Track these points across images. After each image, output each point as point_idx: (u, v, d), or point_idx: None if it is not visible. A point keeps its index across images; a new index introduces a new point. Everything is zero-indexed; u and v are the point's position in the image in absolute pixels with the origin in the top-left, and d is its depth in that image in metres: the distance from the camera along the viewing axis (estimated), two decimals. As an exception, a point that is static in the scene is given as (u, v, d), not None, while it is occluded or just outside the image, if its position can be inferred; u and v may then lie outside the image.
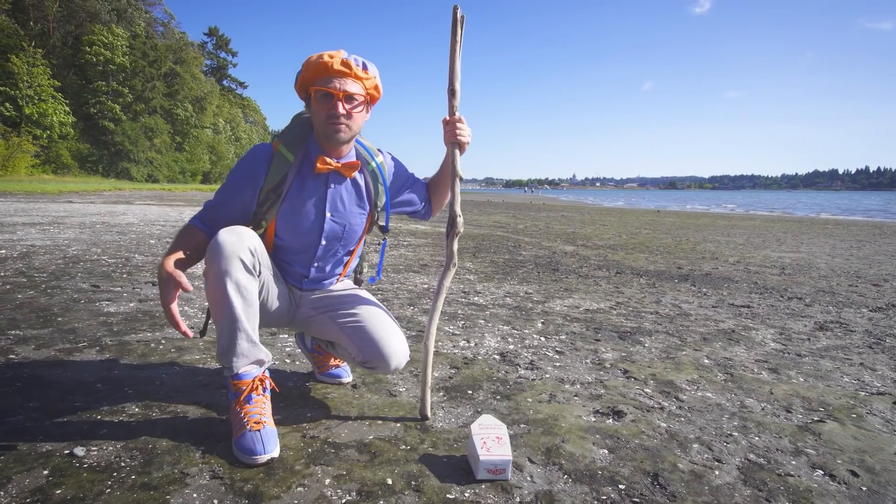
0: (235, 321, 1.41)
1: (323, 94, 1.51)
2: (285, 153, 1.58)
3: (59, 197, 15.41)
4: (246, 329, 1.43)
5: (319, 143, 1.60)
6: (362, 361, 1.63)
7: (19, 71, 30.94)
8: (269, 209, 1.57)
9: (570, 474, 1.39)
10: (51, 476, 1.26)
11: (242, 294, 1.41)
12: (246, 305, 1.43)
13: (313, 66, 1.50)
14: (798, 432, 1.72)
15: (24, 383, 1.82)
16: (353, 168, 1.62)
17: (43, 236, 5.91)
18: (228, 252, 1.39)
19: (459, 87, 1.60)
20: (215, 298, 1.41)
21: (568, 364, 2.32)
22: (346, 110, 1.52)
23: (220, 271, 1.39)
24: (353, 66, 1.51)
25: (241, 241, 1.42)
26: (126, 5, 42.91)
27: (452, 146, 1.62)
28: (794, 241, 9.40)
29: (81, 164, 35.94)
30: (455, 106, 1.61)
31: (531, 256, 6.17)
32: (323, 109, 1.52)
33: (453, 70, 1.58)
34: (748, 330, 3.09)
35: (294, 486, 1.27)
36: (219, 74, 59.94)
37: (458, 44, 1.57)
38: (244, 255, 1.41)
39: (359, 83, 1.54)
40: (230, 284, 1.39)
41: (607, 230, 10.89)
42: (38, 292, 3.18)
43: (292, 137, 1.61)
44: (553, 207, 24.16)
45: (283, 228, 1.61)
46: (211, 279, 1.40)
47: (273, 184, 1.56)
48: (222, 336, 1.44)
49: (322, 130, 1.55)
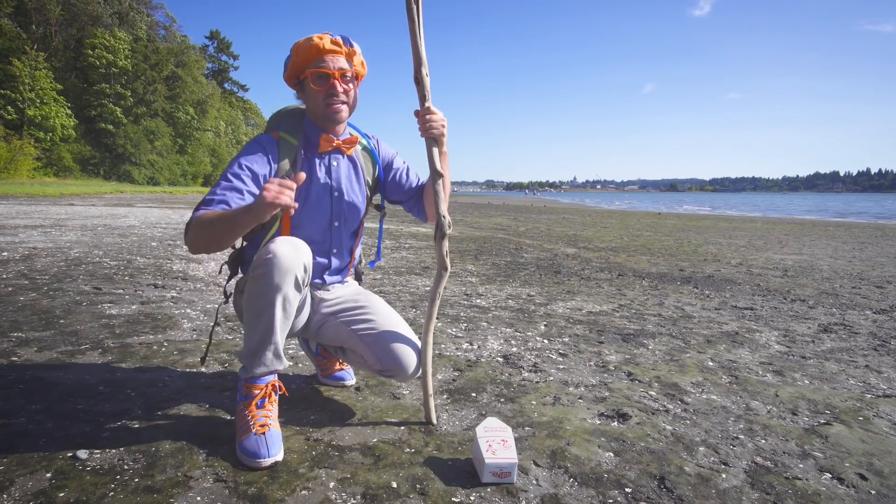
0: (271, 333, 1.41)
1: (318, 74, 1.51)
2: (288, 138, 1.59)
3: (61, 199, 15.42)
4: (276, 342, 1.43)
5: (318, 124, 1.61)
6: (380, 370, 1.61)
7: (21, 74, 31.03)
8: None
9: (576, 477, 1.38)
10: (53, 479, 1.25)
11: (286, 308, 1.41)
12: (284, 319, 1.42)
13: (304, 49, 1.50)
14: (805, 435, 1.71)
15: (26, 385, 1.81)
16: (352, 143, 1.64)
17: (45, 239, 5.91)
18: (285, 267, 1.36)
19: (427, 74, 1.48)
20: (258, 306, 1.39)
21: (571, 366, 2.31)
22: (343, 88, 1.54)
23: (272, 284, 1.36)
24: (341, 43, 1.53)
25: (298, 256, 1.39)
26: (128, 9, 43.04)
27: (429, 141, 1.53)
28: (797, 244, 9.38)
29: (83, 167, 36.00)
30: (425, 95, 1.50)
31: (533, 259, 6.16)
32: (321, 90, 1.52)
33: (417, 55, 1.45)
34: (752, 332, 3.07)
35: (298, 489, 1.26)
36: (220, 77, 60.07)
37: (416, 24, 1.43)
38: (299, 272, 1.39)
39: (348, 60, 1.56)
40: (279, 298, 1.38)
41: (609, 232, 10.88)
42: (40, 294, 3.18)
43: (288, 125, 1.62)
44: (554, 210, 24.15)
45: (298, 216, 1.59)
46: (260, 286, 1.37)
47: (286, 168, 1.56)
48: (252, 341, 1.43)
49: (322, 112, 1.55)
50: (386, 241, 7.36)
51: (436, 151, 1.54)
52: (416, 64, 1.47)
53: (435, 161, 1.54)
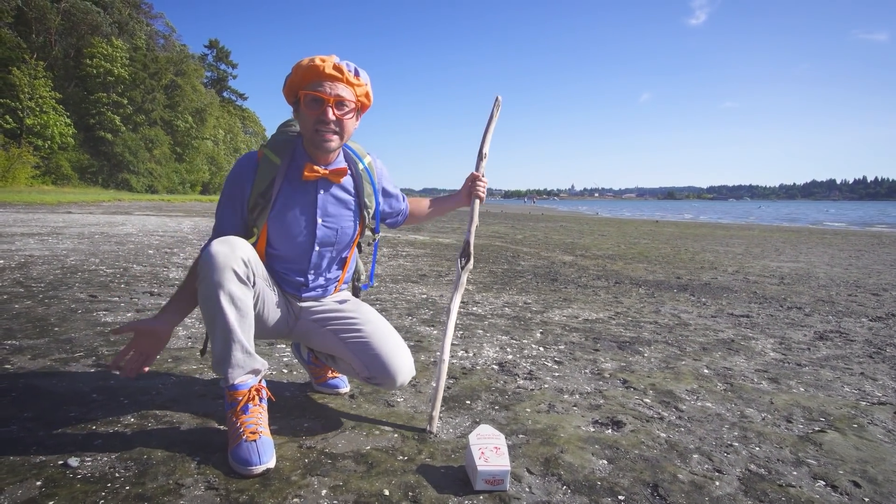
0: (230, 332, 1.40)
1: (312, 98, 1.47)
2: (271, 156, 1.56)
3: (59, 207, 15.41)
4: (240, 340, 1.41)
5: (307, 149, 1.58)
6: (367, 377, 1.61)
7: (21, 83, 31.12)
8: (260, 215, 1.55)
9: (569, 485, 1.38)
10: (44, 487, 1.24)
11: (236, 305, 1.40)
12: (240, 316, 1.41)
13: (303, 70, 1.47)
14: (799, 442, 1.71)
15: (18, 393, 1.80)
16: (341, 174, 1.60)
17: (41, 246, 5.90)
18: (221, 263, 1.37)
19: (488, 153, 1.96)
20: (209, 310, 1.39)
21: (567, 374, 2.31)
22: (337, 116, 1.49)
23: (212, 283, 1.37)
24: (344, 70, 1.49)
25: (233, 251, 1.40)
26: (128, 18, 43.30)
27: (473, 199, 1.93)
28: (793, 251, 9.41)
29: (81, 175, 36.02)
30: (482, 166, 1.95)
31: (530, 266, 6.17)
32: (312, 114, 1.48)
33: (485, 139, 1.96)
34: (748, 340, 3.08)
35: (290, 496, 1.26)
36: (219, 86, 60.32)
37: (492, 122, 1.97)
38: (237, 266, 1.39)
39: (350, 89, 1.51)
40: (223, 296, 1.37)
41: (606, 240, 10.90)
42: (35, 302, 3.17)
43: (278, 142, 1.60)
44: (552, 218, 24.21)
45: (275, 235, 1.58)
46: (203, 291, 1.39)
47: (262, 188, 1.54)
48: (217, 347, 1.42)
49: (310, 138, 1.52)
50: (383, 248, 7.36)
51: (477, 205, 1.93)
52: (481, 145, 1.96)
53: (475, 213, 1.92)
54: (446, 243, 8.59)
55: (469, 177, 1.92)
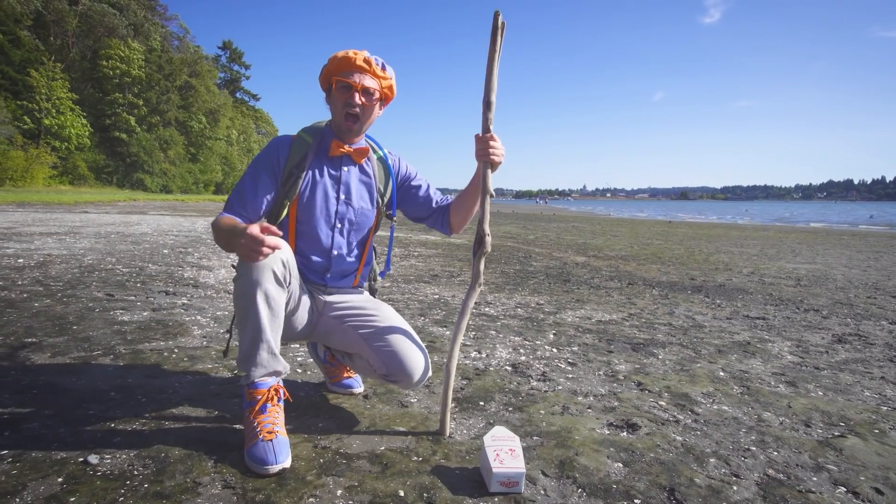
0: (260, 331, 1.43)
1: (343, 84, 1.63)
2: (304, 136, 1.71)
3: (76, 207, 15.66)
4: (268, 340, 1.45)
5: (335, 131, 1.72)
6: (385, 375, 1.64)
7: (39, 85, 31.68)
8: (292, 186, 1.65)
9: (585, 488, 1.37)
10: (65, 483, 1.26)
11: (270, 305, 1.44)
12: (272, 317, 1.45)
13: (338, 60, 1.63)
14: (818, 447, 1.68)
15: (39, 391, 1.83)
16: (363, 154, 1.73)
17: (59, 246, 6.00)
18: (262, 262, 1.41)
19: (495, 100, 1.55)
20: (243, 306, 1.44)
21: (581, 376, 2.30)
22: (362, 102, 1.63)
23: (250, 280, 1.42)
24: (373, 63, 1.64)
25: (274, 253, 1.43)
26: (143, 20, 43.87)
27: (485, 165, 1.58)
28: (810, 252, 9.27)
29: (97, 175, 36.57)
30: (490, 119, 1.56)
31: (542, 267, 6.15)
32: (341, 98, 1.64)
33: (490, 80, 1.53)
34: (764, 342, 3.04)
35: (306, 496, 1.26)
36: (232, 87, 60.87)
37: (496, 52, 1.52)
38: (276, 267, 1.44)
39: (376, 80, 1.66)
40: (259, 294, 1.42)
41: (618, 241, 10.83)
42: (54, 301, 3.23)
43: (310, 128, 1.75)
44: (564, 218, 24.10)
45: (302, 210, 1.67)
46: (241, 286, 1.44)
47: (296, 160, 1.66)
48: (244, 344, 1.46)
49: (338, 119, 1.68)
50: (395, 249, 7.38)
51: (489, 174, 1.59)
52: (487, 90, 1.54)
53: (488, 182, 1.59)
54: (458, 243, 8.59)
55: (476, 140, 1.60)
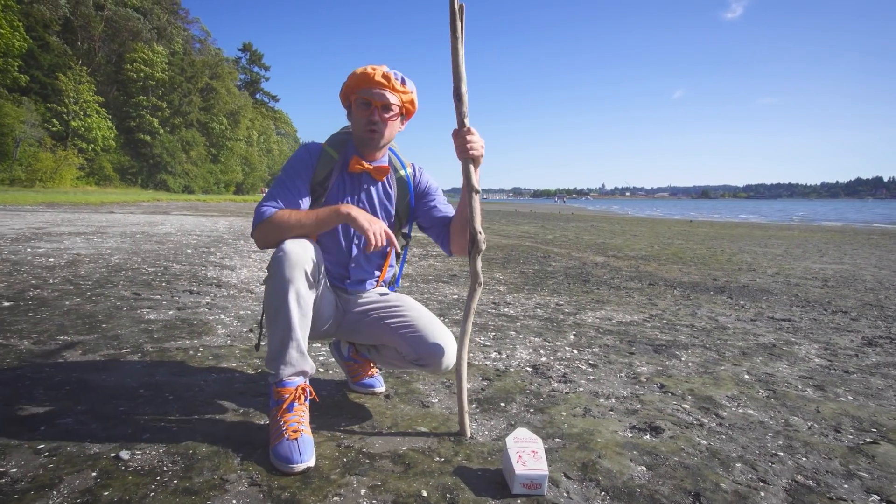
0: (290, 330, 1.46)
1: (362, 101, 1.63)
2: (330, 152, 1.71)
3: (102, 207, 16.05)
4: (297, 339, 1.48)
5: (357, 147, 1.72)
6: (415, 359, 1.66)
7: (67, 88, 32.58)
8: (317, 202, 1.68)
9: (608, 491, 1.36)
10: (98, 478, 1.30)
11: (300, 304, 1.47)
12: (301, 315, 1.48)
13: (357, 77, 1.63)
14: (849, 454, 1.64)
15: (72, 387, 1.89)
16: (383, 172, 1.73)
17: (87, 245, 6.16)
18: (294, 261, 1.45)
19: (466, 91, 1.46)
20: (274, 304, 1.47)
21: (602, 377, 2.28)
22: (382, 118, 1.63)
23: (283, 279, 1.44)
24: (392, 79, 1.63)
25: (306, 252, 1.48)
26: (166, 24, 44.76)
27: (465, 161, 1.52)
28: (837, 252, 9.04)
29: (122, 176, 37.47)
30: (464, 113, 1.48)
31: (561, 267, 6.11)
32: (362, 115, 1.64)
33: (457, 71, 1.42)
34: (790, 345, 2.98)
35: (330, 495, 1.28)
36: (252, 88, 61.74)
37: (459, 40, 1.41)
38: (308, 266, 1.47)
39: (396, 95, 1.64)
40: (291, 293, 1.45)
41: (639, 240, 10.70)
42: (83, 299, 3.31)
43: (336, 140, 1.74)
44: (582, 217, 23.90)
45: None
46: (273, 284, 1.47)
47: (321, 177, 1.68)
48: (274, 343, 1.48)
49: (359, 135, 1.68)
50: (413, 248, 7.40)
51: (472, 170, 1.54)
52: (455, 80, 1.45)
53: (472, 179, 1.54)
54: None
55: (453, 136, 1.53)
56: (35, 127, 29.46)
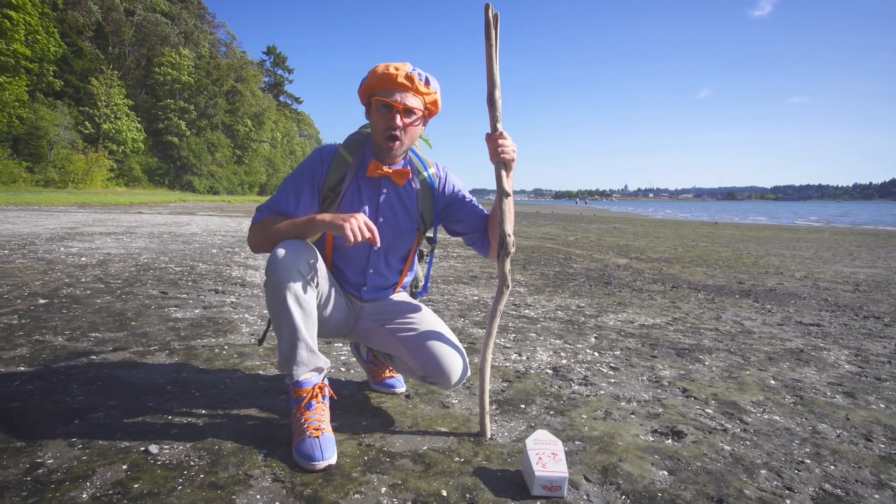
0: (295, 331, 1.47)
1: (383, 104, 1.55)
2: (345, 154, 1.65)
3: (131, 208, 16.49)
4: (305, 338, 1.48)
5: (374, 150, 1.65)
6: (423, 376, 1.65)
7: (98, 92, 33.60)
8: (329, 207, 1.63)
9: (629, 495, 1.35)
10: (129, 471, 1.34)
11: (301, 304, 1.47)
12: (304, 315, 1.48)
13: (378, 76, 1.55)
14: (880, 463, 1.60)
15: (104, 382, 1.95)
16: (404, 176, 1.64)
17: (117, 245, 6.34)
18: (287, 264, 1.45)
19: (500, 96, 1.50)
20: (275, 309, 1.48)
21: (623, 381, 2.26)
22: (404, 123, 1.56)
23: (278, 283, 1.45)
24: (416, 80, 1.54)
25: (297, 253, 1.47)
26: (193, 28, 45.76)
27: (498, 165, 1.53)
28: (870, 256, 8.76)
29: (150, 177, 38.45)
30: (497, 118, 1.50)
31: (582, 269, 6.06)
32: (382, 119, 1.56)
33: (491, 77, 1.47)
34: (819, 350, 2.90)
35: (351, 492, 1.30)
36: (276, 91, 62.69)
37: (493, 47, 1.46)
38: (301, 267, 1.47)
39: (419, 98, 1.57)
40: (289, 296, 1.45)
41: (662, 242, 10.54)
42: (114, 298, 3.42)
43: (352, 141, 1.68)
44: (604, 219, 23.64)
45: None
46: (270, 290, 1.47)
47: (332, 182, 1.62)
48: (283, 345, 1.49)
49: (378, 140, 1.60)
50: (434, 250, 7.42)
51: (504, 174, 1.54)
52: (490, 86, 1.48)
53: (504, 183, 1.54)
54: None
55: (486, 140, 1.55)
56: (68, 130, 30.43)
